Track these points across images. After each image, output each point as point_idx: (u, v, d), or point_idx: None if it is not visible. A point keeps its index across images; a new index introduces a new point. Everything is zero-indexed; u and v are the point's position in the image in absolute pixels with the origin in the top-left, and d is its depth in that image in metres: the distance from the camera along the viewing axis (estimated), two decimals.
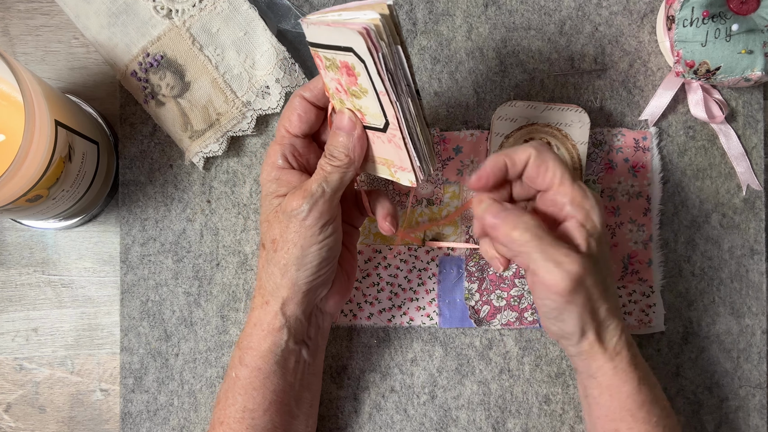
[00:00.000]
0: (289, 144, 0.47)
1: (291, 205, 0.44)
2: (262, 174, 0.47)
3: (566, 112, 0.55)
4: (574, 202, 0.44)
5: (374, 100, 0.41)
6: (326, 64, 0.42)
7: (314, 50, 0.42)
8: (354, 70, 0.40)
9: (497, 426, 0.57)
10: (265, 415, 0.48)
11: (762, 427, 0.57)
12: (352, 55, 0.39)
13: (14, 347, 0.57)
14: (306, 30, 0.42)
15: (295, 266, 0.45)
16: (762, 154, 0.58)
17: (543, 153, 0.45)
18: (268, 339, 0.47)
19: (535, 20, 0.58)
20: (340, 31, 0.38)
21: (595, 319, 0.45)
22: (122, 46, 0.55)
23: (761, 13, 0.52)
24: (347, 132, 0.44)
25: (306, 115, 0.46)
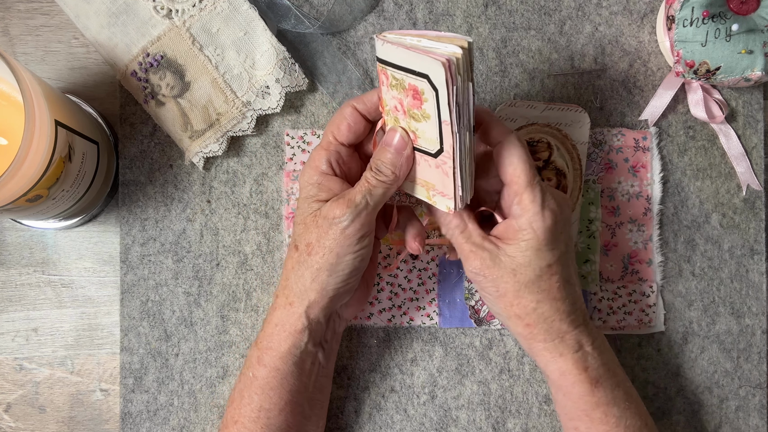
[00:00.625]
0: (335, 151, 0.47)
1: (334, 213, 0.45)
2: (303, 176, 0.47)
3: (566, 112, 0.55)
4: (522, 204, 0.45)
5: (434, 127, 0.42)
6: (392, 83, 0.43)
7: (382, 67, 0.43)
8: (422, 96, 0.42)
9: (497, 426, 0.57)
10: (280, 416, 0.48)
11: (762, 427, 0.57)
12: (426, 82, 0.41)
13: (14, 347, 0.57)
14: (379, 48, 0.43)
15: (328, 272, 0.46)
16: (762, 154, 0.58)
17: (514, 146, 0.45)
18: (289, 340, 0.48)
19: (535, 20, 0.58)
20: (421, 57, 0.40)
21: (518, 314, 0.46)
22: (122, 46, 0.55)
23: (761, 13, 0.52)
24: (397, 150, 0.45)
25: (355, 126, 0.47)
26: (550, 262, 0.45)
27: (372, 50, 0.57)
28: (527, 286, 0.45)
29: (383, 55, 0.43)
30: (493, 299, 0.47)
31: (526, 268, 0.45)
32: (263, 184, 0.57)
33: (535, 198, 0.44)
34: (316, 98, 0.57)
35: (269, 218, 0.57)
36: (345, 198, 0.45)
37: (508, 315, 0.47)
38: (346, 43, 0.57)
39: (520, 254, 0.45)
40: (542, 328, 0.46)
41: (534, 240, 0.45)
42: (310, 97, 0.57)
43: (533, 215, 0.44)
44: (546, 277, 0.45)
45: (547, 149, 0.55)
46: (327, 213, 0.45)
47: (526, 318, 0.46)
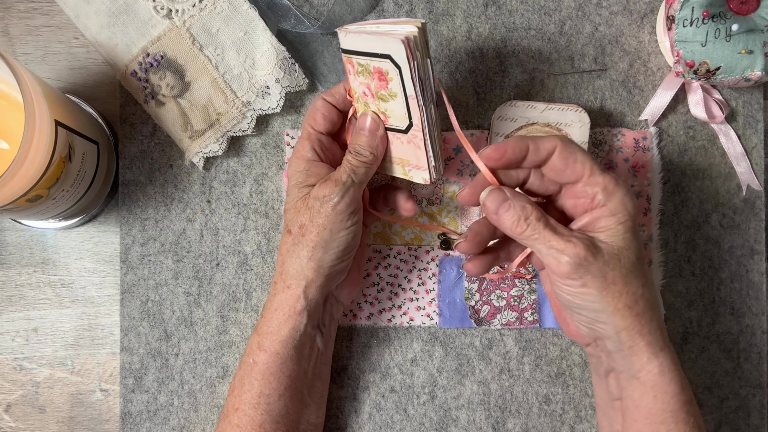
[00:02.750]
0: (316, 139, 0.50)
1: (323, 192, 0.47)
2: (291, 166, 0.50)
3: (566, 112, 0.55)
4: (607, 189, 0.44)
5: (402, 103, 0.46)
6: (358, 70, 0.47)
7: (347, 57, 0.47)
8: (387, 76, 0.45)
9: (497, 426, 0.57)
10: (279, 401, 0.49)
11: (762, 427, 0.57)
12: (389, 61, 0.44)
13: (14, 347, 0.57)
14: (343, 38, 0.46)
15: (323, 249, 0.48)
16: (762, 154, 0.58)
17: (570, 145, 0.45)
18: (289, 323, 0.49)
19: (535, 20, 0.58)
20: (382, 39, 0.44)
21: (628, 305, 0.44)
22: (122, 46, 0.55)
23: (761, 13, 0.52)
24: (371, 132, 0.48)
25: (329, 115, 0.50)
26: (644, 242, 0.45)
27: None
28: (632, 271, 0.44)
29: (347, 45, 0.46)
30: (597, 294, 0.44)
31: (628, 251, 0.44)
32: (263, 184, 0.57)
33: (618, 181, 0.45)
34: None
35: (269, 218, 0.57)
36: (332, 178, 0.48)
37: (615, 308, 0.44)
38: None
39: (619, 238, 0.44)
40: (649, 317, 0.45)
41: (630, 221, 0.44)
42: (310, 97, 0.57)
43: (624, 196, 0.44)
44: (643, 259, 0.45)
45: None
46: (317, 193, 0.48)
47: (636, 307, 0.45)
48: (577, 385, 0.57)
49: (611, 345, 0.46)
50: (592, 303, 0.45)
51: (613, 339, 0.46)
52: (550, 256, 0.44)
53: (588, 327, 0.47)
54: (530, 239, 0.45)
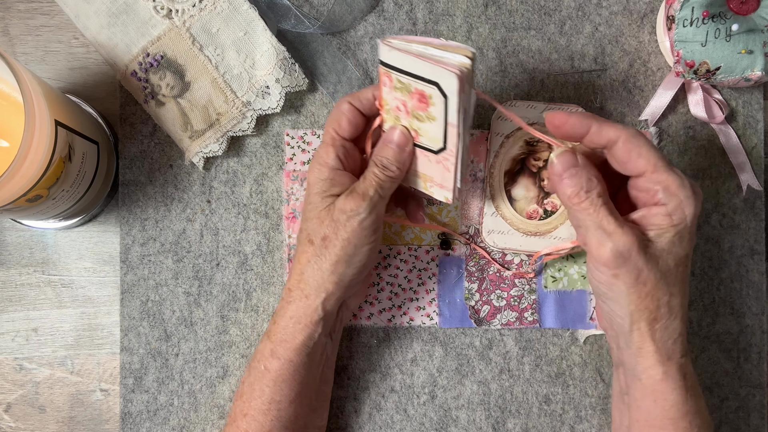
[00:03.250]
0: (340, 146, 0.48)
1: (350, 206, 0.46)
2: (313, 172, 0.48)
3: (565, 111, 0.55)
4: (669, 189, 0.43)
5: (439, 127, 0.45)
6: (396, 86, 0.45)
7: (386, 70, 0.45)
8: (429, 100, 0.44)
9: (497, 426, 0.57)
10: (290, 407, 0.49)
11: (762, 427, 0.57)
12: (435, 89, 0.44)
13: (14, 347, 0.57)
14: (385, 53, 0.44)
15: (346, 263, 0.48)
16: (762, 154, 0.58)
17: (636, 138, 0.44)
18: (305, 332, 0.48)
19: (535, 20, 0.58)
20: (432, 67, 0.43)
21: (648, 307, 0.44)
22: (122, 46, 0.55)
23: (761, 13, 0.52)
24: (400, 147, 0.47)
25: (354, 120, 0.48)
26: (688, 251, 0.44)
27: (372, 50, 0.57)
28: (666, 276, 0.44)
29: (389, 60, 0.45)
30: (625, 288, 0.44)
31: (668, 256, 0.44)
32: (263, 184, 0.57)
33: (683, 183, 0.43)
34: (316, 98, 0.57)
35: (269, 218, 0.57)
36: (358, 192, 0.47)
37: (636, 307, 0.44)
38: (346, 43, 0.57)
39: (666, 240, 0.43)
40: (665, 325, 0.45)
41: (683, 225, 0.43)
42: (310, 97, 0.57)
43: (685, 199, 0.43)
44: (682, 267, 0.44)
45: (548, 149, 0.55)
46: (344, 207, 0.47)
47: (656, 311, 0.44)
48: (577, 385, 0.57)
49: (622, 341, 0.47)
50: (616, 295, 0.45)
51: (625, 335, 0.46)
52: (595, 236, 0.44)
53: (606, 313, 0.47)
54: (584, 212, 0.44)
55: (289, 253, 0.57)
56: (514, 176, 0.56)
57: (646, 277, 0.44)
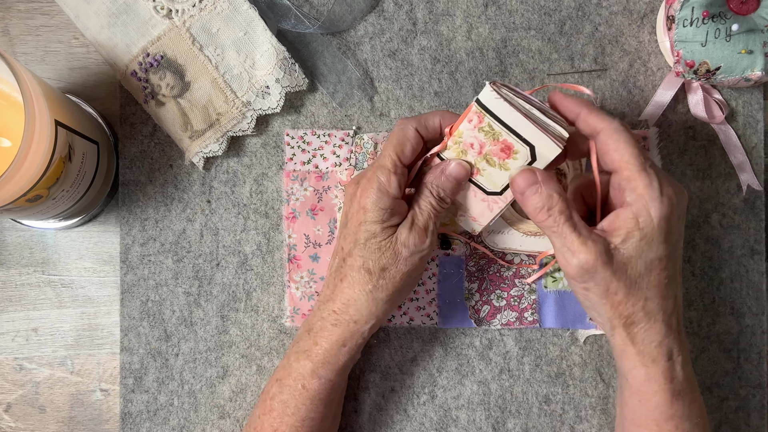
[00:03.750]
0: (401, 174, 0.47)
1: (413, 241, 0.47)
2: (370, 198, 0.47)
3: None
4: (636, 190, 0.43)
5: (508, 178, 0.47)
6: (483, 128, 0.46)
7: (480, 111, 0.45)
8: (512, 154, 0.46)
9: (497, 426, 0.57)
10: (321, 424, 0.50)
11: (762, 427, 0.57)
12: (527, 148, 0.45)
13: (14, 347, 0.57)
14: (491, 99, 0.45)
15: (400, 293, 0.49)
16: (762, 154, 0.58)
17: (619, 132, 0.43)
18: (349, 354, 0.49)
19: (535, 20, 0.58)
20: (537, 132, 0.44)
21: (623, 314, 0.44)
22: (122, 46, 0.55)
23: (761, 13, 0.52)
24: (458, 182, 0.47)
25: (417, 147, 0.48)
26: (661, 255, 0.43)
27: (372, 51, 0.57)
28: (637, 282, 0.43)
29: (489, 104, 0.45)
30: (597, 299, 0.44)
31: (638, 261, 0.43)
32: (263, 184, 0.57)
33: (651, 183, 0.42)
34: (316, 98, 0.57)
35: (269, 218, 0.57)
36: (420, 227, 0.47)
37: (612, 315, 0.44)
38: (346, 43, 0.57)
39: (633, 244, 0.43)
40: (643, 328, 0.44)
41: (649, 228, 0.42)
42: (310, 97, 0.57)
43: (650, 201, 0.42)
44: (656, 271, 0.43)
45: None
46: (407, 242, 0.47)
47: (632, 317, 0.44)
48: (577, 385, 0.57)
49: (609, 342, 0.47)
50: (592, 303, 0.46)
51: (609, 338, 0.47)
52: (561, 253, 0.44)
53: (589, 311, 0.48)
54: (549, 229, 0.44)
55: (289, 253, 0.57)
56: None
57: (616, 287, 0.43)
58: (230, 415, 0.56)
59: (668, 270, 0.44)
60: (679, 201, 0.44)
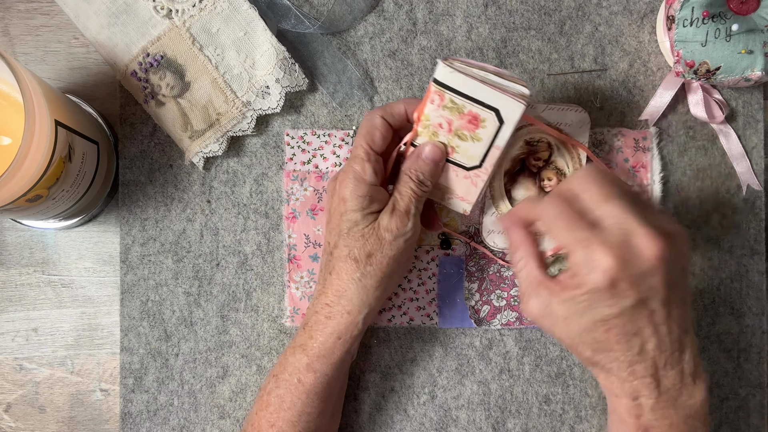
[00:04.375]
0: (375, 161, 0.49)
1: (396, 225, 0.48)
2: (348, 187, 0.48)
3: (566, 112, 0.55)
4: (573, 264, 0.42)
5: (481, 148, 0.48)
6: (447, 105, 0.47)
7: (439, 89, 0.46)
8: (480, 123, 0.47)
9: (497, 426, 0.57)
10: (318, 419, 0.49)
11: (762, 427, 0.57)
12: (493, 114, 0.46)
13: (14, 347, 0.57)
14: (446, 74, 0.46)
15: (389, 279, 0.49)
16: (762, 154, 0.58)
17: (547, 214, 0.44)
18: (344, 347, 0.49)
19: (535, 20, 0.58)
20: (497, 95, 0.46)
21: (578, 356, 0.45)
22: (122, 46, 0.55)
23: (761, 13, 0.52)
24: (435, 163, 0.49)
25: (387, 135, 0.49)
26: (605, 317, 0.42)
27: (372, 51, 0.57)
28: (580, 336, 0.43)
29: (446, 80, 0.46)
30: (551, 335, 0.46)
31: (580, 318, 0.43)
32: (263, 184, 0.57)
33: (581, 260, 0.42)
34: (316, 98, 0.57)
35: (269, 218, 0.57)
36: (401, 211, 0.48)
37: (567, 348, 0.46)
38: (346, 43, 0.57)
39: (572, 305, 0.42)
40: (601, 370, 0.45)
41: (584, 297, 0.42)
42: (310, 97, 0.57)
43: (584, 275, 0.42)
44: (602, 330, 0.42)
45: (548, 149, 0.55)
46: (389, 226, 0.48)
47: (585, 361, 0.45)
48: (577, 385, 0.57)
49: None
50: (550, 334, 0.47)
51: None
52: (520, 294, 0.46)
53: None
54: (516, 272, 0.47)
55: (289, 253, 0.57)
56: (514, 176, 0.56)
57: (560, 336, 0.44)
58: (230, 415, 0.56)
59: (620, 328, 0.42)
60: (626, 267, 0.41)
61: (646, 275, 0.41)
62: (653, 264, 0.41)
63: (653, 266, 0.41)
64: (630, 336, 0.43)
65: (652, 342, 0.43)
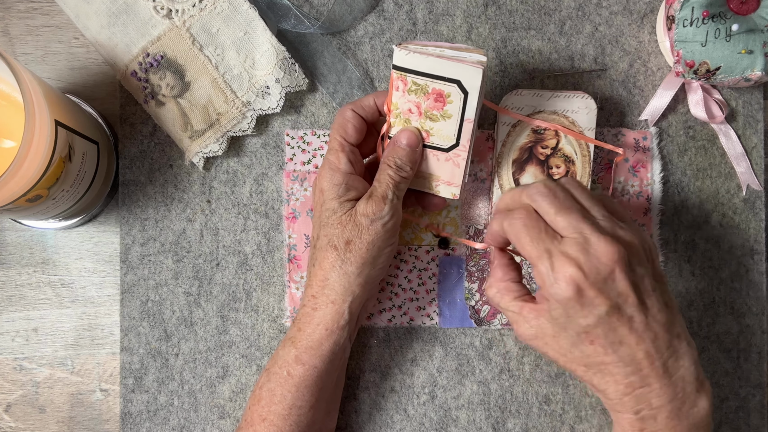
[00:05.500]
0: (349, 151, 0.50)
1: (372, 210, 0.48)
2: (325, 178, 0.49)
3: (572, 98, 0.55)
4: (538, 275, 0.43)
5: (453, 125, 0.49)
6: (411, 88, 0.48)
7: (400, 74, 0.48)
8: (446, 99, 0.48)
9: (497, 426, 0.57)
10: (309, 413, 0.49)
11: (762, 427, 0.57)
12: (455, 86, 0.47)
13: (14, 347, 0.57)
14: (402, 57, 0.47)
15: (371, 265, 0.49)
16: (762, 154, 0.58)
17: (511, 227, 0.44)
18: (332, 338, 0.49)
19: (535, 20, 0.58)
20: (454, 65, 0.46)
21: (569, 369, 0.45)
22: (122, 46, 0.55)
23: (761, 13, 0.52)
24: (412, 148, 0.49)
25: (359, 126, 0.50)
26: (585, 327, 0.42)
27: (372, 51, 0.57)
28: (571, 352, 0.44)
29: (405, 64, 0.47)
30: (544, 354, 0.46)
31: (565, 332, 0.43)
32: (263, 184, 0.57)
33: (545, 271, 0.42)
34: (316, 98, 0.57)
35: (269, 218, 0.57)
36: (378, 196, 0.48)
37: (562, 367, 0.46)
38: (346, 43, 0.57)
39: (551, 323, 0.43)
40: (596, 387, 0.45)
41: (558, 309, 0.43)
42: (310, 97, 0.57)
43: (549, 287, 0.42)
44: (587, 342, 0.43)
45: (555, 137, 0.55)
46: (365, 211, 0.48)
47: (582, 377, 0.45)
48: (577, 385, 0.57)
49: None
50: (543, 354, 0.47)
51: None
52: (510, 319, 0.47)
53: None
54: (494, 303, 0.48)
55: (289, 253, 0.57)
56: (522, 165, 0.56)
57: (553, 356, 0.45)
58: (230, 415, 0.56)
59: (603, 338, 0.42)
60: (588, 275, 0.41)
61: (608, 280, 0.42)
62: (611, 267, 0.41)
63: (612, 270, 0.41)
64: (616, 346, 0.43)
65: (641, 351, 0.43)
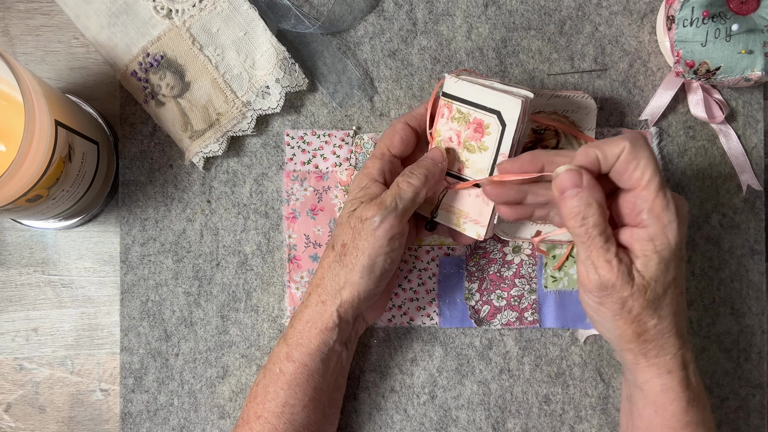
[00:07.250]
0: (388, 161, 0.50)
1: (366, 214, 0.47)
2: (355, 181, 0.50)
3: (572, 99, 0.55)
4: (653, 211, 0.42)
5: (488, 158, 0.49)
6: (455, 116, 0.49)
7: (447, 101, 0.49)
8: (485, 129, 0.48)
9: (497, 426, 0.57)
10: (303, 412, 0.49)
11: (762, 427, 0.57)
12: (495, 117, 0.47)
13: (14, 347, 0.57)
14: (451, 84, 0.49)
15: (360, 273, 0.47)
16: (762, 154, 0.58)
17: (638, 148, 0.42)
18: (319, 337, 0.49)
19: (535, 20, 0.58)
20: (498, 96, 0.47)
21: (636, 332, 0.44)
22: (122, 46, 0.55)
23: (761, 13, 0.52)
24: (433, 160, 0.49)
25: (407, 139, 0.51)
26: (676, 275, 0.43)
27: (372, 51, 0.57)
28: (653, 303, 0.43)
29: (452, 91, 0.49)
30: (610, 315, 0.44)
31: (656, 284, 0.42)
32: (263, 184, 0.57)
33: (668, 205, 0.41)
34: (316, 98, 0.57)
35: (269, 218, 0.57)
36: (376, 201, 0.48)
37: (623, 332, 0.44)
38: (346, 43, 0.57)
39: (652, 267, 0.42)
40: (657, 344, 0.44)
41: (666, 252, 0.42)
42: (310, 97, 0.57)
43: (668, 224, 0.41)
44: (671, 291, 0.43)
45: (555, 137, 0.55)
46: (360, 214, 0.48)
47: (645, 335, 0.44)
48: (577, 385, 0.57)
49: (618, 354, 0.47)
50: (602, 319, 0.45)
51: (618, 351, 0.47)
52: (584, 265, 0.44)
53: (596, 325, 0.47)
54: (578, 238, 0.43)
55: (289, 253, 0.57)
56: None
57: (631, 306, 0.43)
58: (230, 415, 0.56)
59: (681, 287, 0.44)
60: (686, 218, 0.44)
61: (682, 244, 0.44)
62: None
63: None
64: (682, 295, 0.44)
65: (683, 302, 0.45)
